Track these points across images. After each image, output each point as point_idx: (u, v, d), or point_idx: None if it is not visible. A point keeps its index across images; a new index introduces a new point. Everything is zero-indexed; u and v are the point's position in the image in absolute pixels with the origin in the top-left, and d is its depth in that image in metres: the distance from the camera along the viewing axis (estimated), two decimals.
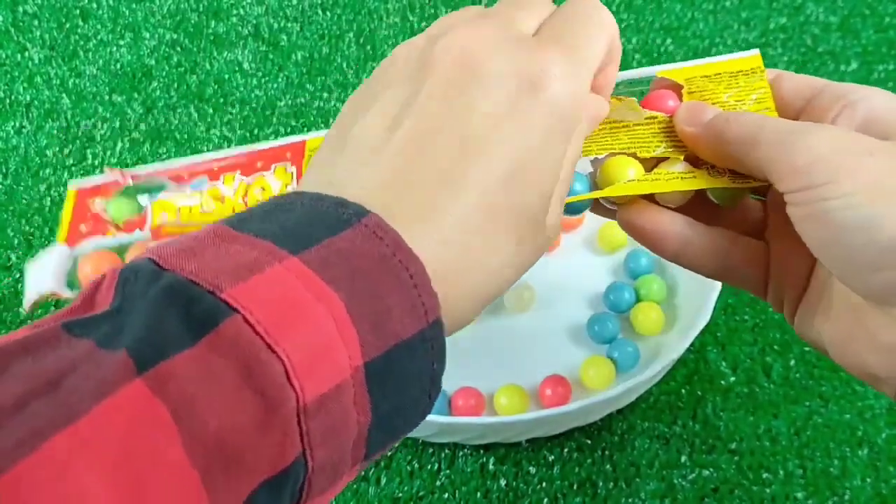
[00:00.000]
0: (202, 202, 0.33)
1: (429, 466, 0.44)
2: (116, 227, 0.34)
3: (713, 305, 0.45)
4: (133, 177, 0.35)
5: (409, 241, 0.23)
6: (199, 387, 0.19)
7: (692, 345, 0.47)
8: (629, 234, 0.33)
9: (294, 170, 0.33)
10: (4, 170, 0.60)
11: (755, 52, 0.33)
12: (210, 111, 0.62)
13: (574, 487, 0.43)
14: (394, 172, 0.25)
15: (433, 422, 0.42)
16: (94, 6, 0.70)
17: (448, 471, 0.44)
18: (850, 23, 0.67)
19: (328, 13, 0.68)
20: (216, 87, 0.64)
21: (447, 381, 0.46)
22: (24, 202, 0.58)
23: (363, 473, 0.44)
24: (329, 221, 0.23)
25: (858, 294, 0.28)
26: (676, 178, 0.31)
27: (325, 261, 0.22)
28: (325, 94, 0.63)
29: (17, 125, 0.62)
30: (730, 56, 0.33)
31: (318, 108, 0.62)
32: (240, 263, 0.21)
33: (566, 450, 0.45)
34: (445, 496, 0.43)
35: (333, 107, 0.63)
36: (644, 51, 0.65)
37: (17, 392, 0.19)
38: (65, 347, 0.20)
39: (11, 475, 0.17)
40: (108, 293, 0.22)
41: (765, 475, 0.44)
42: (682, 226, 0.31)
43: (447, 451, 0.45)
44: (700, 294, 0.46)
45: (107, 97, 0.63)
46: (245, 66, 0.65)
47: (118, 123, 0.62)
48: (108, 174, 0.34)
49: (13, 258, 0.55)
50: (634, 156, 0.32)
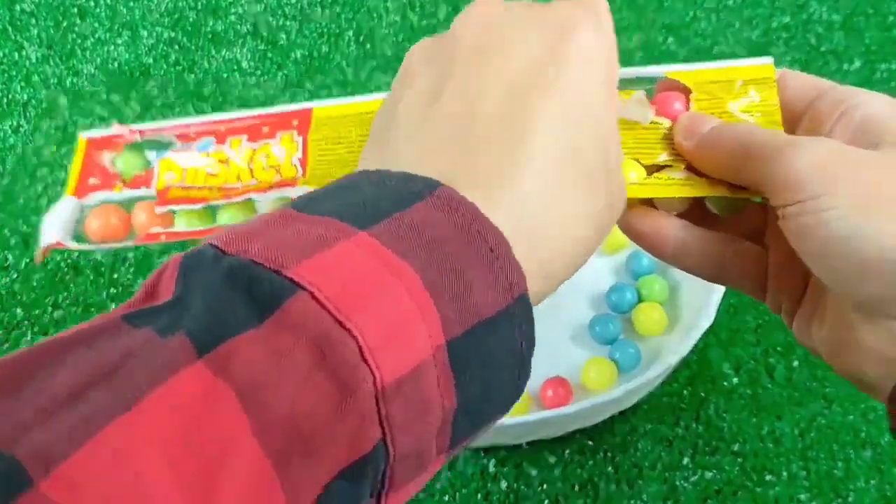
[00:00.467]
0: (208, 164, 0.33)
1: None
2: (124, 182, 0.33)
3: (716, 306, 0.44)
4: (140, 132, 0.35)
5: (486, 210, 0.22)
6: (267, 368, 0.18)
7: (695, 346, 0.46)
8: (628, 237, 0.32)
9: (300, 140, 0.33)
10: (1, 169, 0.59)
11: (769, 61, 0.32)
12: (208, 110, 0.62)
13: (576, 489, 0.43)
14: (446, 139, 0.24)
15: None
16: (92, 4, 0.70)
17: (448, 473, 0.44)
18: (854, 21, 0.66)
19: (327, 11, 0.68)
20: (214, 86, 0.64)
21: None
22: (21, 201, 0.57)
23: None
24: (397, 196, 0.22)
25: (848, 304, 0.28)
26: (676, 185, 0.31)
27: (396, 234, 0.21)
28: (325, 93, 0.63)
29: (15, 124, 0.62)
30: (742, 62, 0.32)
31: None
32: (305, 241, 0.20)
33: (568, 452, 0.44)
34: (446, 498, 0.43)
35: None
36: (646, 49, 0.64)
37: (74, 382, 0.18)
38: (124, 337, 0.19)
39: (67, 465, 0.17)
40: (171, 283, 0.21)
41: (768, 477, 0.43)
42: (681, 230, 0.31)
43: None
44: (702, 295, 0.46)
45: (104, 96, 0.63)
46: (244, 65, 0.65)
47: (116, 122, 0.61)
48: (116, 129, 0.34)
49: (10, 258, 0.55)
50: (637, 160, 0.31)
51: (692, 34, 0.65)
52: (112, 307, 0.42)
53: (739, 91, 0.32)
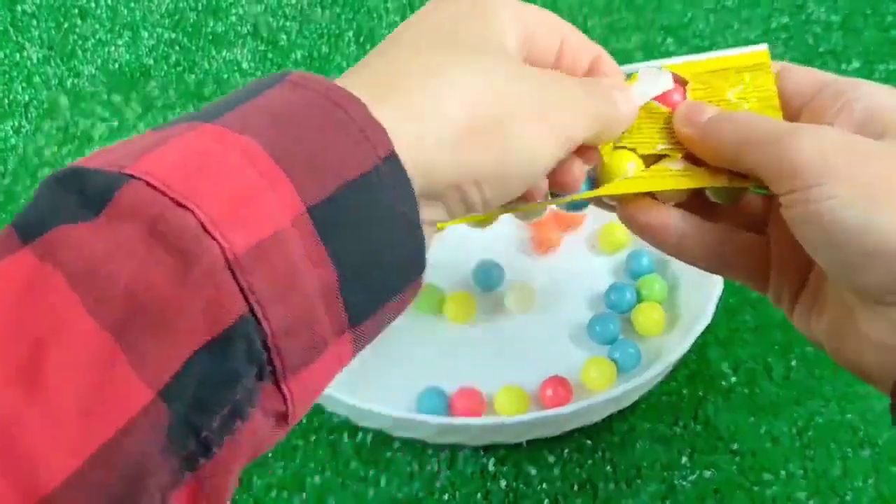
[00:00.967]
0: None
1: (429, 467, 0.44)
2: None
3: (714, 306, 0.45)
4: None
5: (345, 83, 0.22)
6: (101, 251, 0.18)
7: (693, 345, 0.47)
8: (630, 230, 0.33)
9: None
10: (3, 169, 0.59)
11: (763, 48, 0.32)
12: None
13: (575, 488, 0.43)
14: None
15: (433, 422, 0.42)
16: (93, 5, 0.70)
17: (448, 472, 0.44)
18: (852, 22, 0.67)
19: (327, 12, 0.68)
20: (215, 87, 0.64)
21: (447, 382, 0.46)
22: (23, 201, 0.58)
23: (362, 474, 0.43)
24: (252, 89, 0.22)
25: (850, 292, 0.28)
26: (675, 176, 0.31)
27: (240, 118, 0.21)
28: None
29: (16, 125, 0.62)
30: (737, 50, 0.33)
31: None
32: (150, 143, 0.20)
33: (567, 451, 0.45)
34: (445, 497, 0.43)
35: None
36: (645, 50, 0.65)
37: None
38: None
39: None
40: None
41: (766, 476, 0.43)
42: (683, 221, 0.31)
43: (447, 452, 0.44)
44: (701, 294, 0.46)
45: (105, 97, 0.63)
46: (244, 66, 0.65)
47: (117, 123, 0.62)
48: None
49: None
50: (635, 152, 0.32)
51: (691, 35, 0.65)
52: None
53: (736, 79, 0.32)
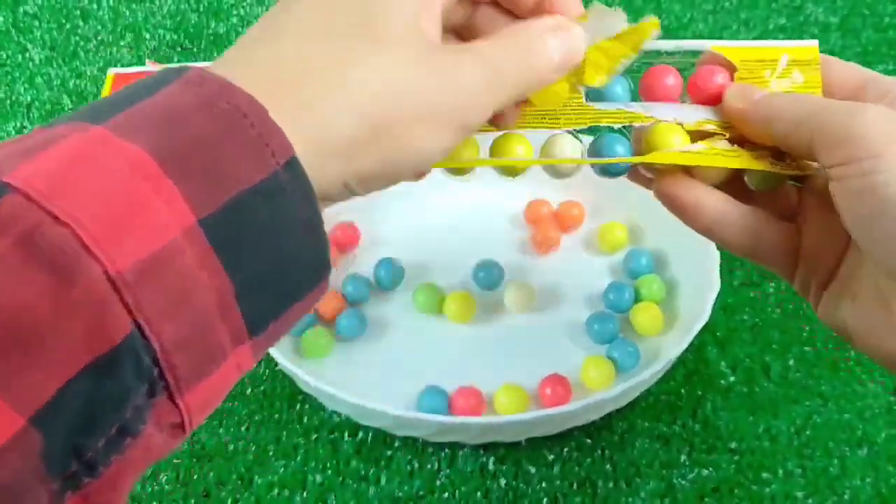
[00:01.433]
0: None
1: (429, 466, 0.44)
2: None
3: (712, 305, 0.45)
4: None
5: (239, 80, 0.21)
6: None
7: (691, 344, 0.47)
8: (664, 205, 0.33)
9: None
10: None
11: (814, 43, 0.33)
12: None
13: (574, 487, 0.43)
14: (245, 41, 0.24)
15: (433, 421, 0.42)
16: (95, 7, 0.70)
17: (448, 470, 0.44)
18: (850, 23, 0.67)
19: None
20: None
21: (447, 381, 0.46)
22: None
23: (363, 472, 0.44)
24: (144, 87, 0.21)
25: (885, 279, 0.28)
26: (719, 155, 0.31)
27: (128, 122, 0.20)
28: None
29: (18, 125, 0.62)
30: (788, 43, 0.33)
31: None
32: (34, 146, 0.19)
33: (566, 449, 0.45)
34: (445, 496, 0.43)
35: None
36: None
37: None
38: None
39: None
40: None
41: (764, 475, 0.44)
42: (719, 200, 0.32)
43: (447, 451, 0.45)
44: (699, 294, 0.46)
45: None
46: None
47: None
48: (149, 66, 0.34)
49: None
50: (681, 125, 0.32)
51: (689, 36, 0.66)
52: None
53: (784, 72, 0.33)
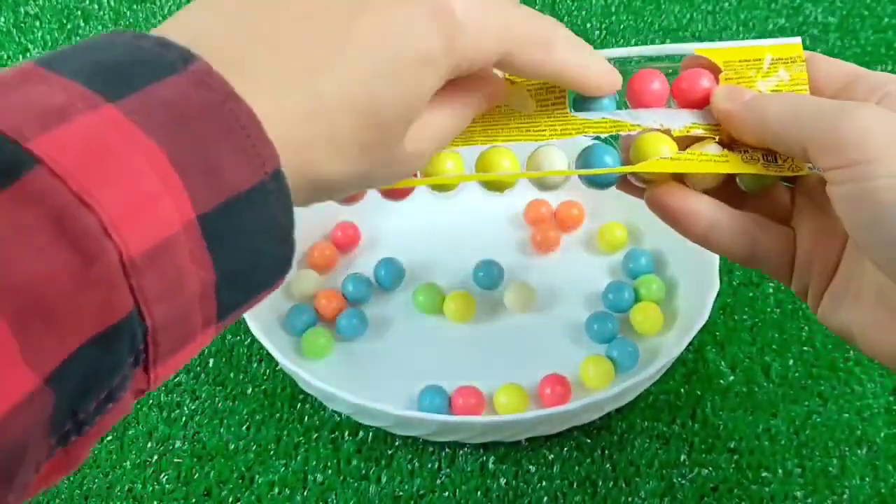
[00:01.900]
0: None
1: (429, 465, 0.44)
2: None
3: (711, 305, 0.45)
4: None
5: (241, 89, 0.22)
6: (3, 235, 0.18)
7: (691, 344, 0.47)
8: (657, 214, 0.32)
9: None
10: None
11: (797, 41, 0.33)
12: None
13: (574, 486, 0.44)
14: (232, 18, 0.24)
15: (433, 420, 0.42)
16: (96, 7, 0.70)
17: (448, 469, 0.44)
18: (849, 23, 0.67)
19: None
20: None
21: (447, 380, 0.46)
22: None
23: (364, 471, 0.44)
24: (151, 65, 0.22)
25: (887, 280, 0.27)
26: (710, 161, 0.31)
27: (144, 110, 0.21)
28: None
29: None
30: (771, 41, 0.33)
31: None
32: (47, 109, 0.20)
33: (566, 449, 0.45)
34: (446, 495, 0.43)
35: None
36: None
37: None
38: None
39: None
40: None
41: (764, 474, 0.44)
42: (711, 208, 0.31)
43: (447, 450, 0.45)
44: (699, 294, 0.46)
45: None
46: None
47: None
48: None
49: None
50: (668, 133, 0.32)
51: (689, 37, 0.66)
52: None
53: (769, 70, 0.32)
